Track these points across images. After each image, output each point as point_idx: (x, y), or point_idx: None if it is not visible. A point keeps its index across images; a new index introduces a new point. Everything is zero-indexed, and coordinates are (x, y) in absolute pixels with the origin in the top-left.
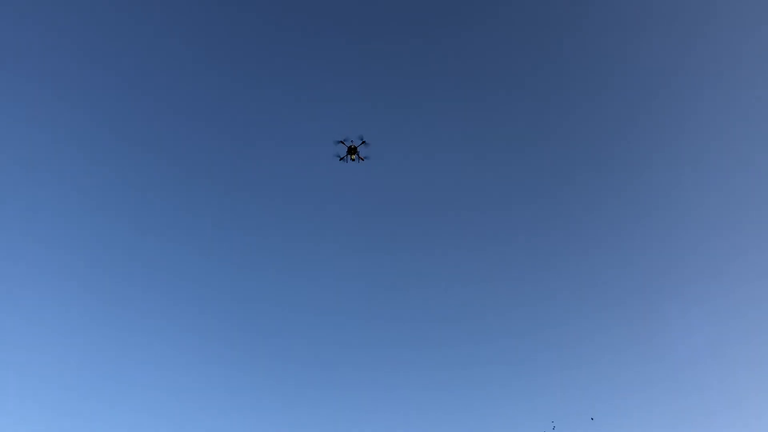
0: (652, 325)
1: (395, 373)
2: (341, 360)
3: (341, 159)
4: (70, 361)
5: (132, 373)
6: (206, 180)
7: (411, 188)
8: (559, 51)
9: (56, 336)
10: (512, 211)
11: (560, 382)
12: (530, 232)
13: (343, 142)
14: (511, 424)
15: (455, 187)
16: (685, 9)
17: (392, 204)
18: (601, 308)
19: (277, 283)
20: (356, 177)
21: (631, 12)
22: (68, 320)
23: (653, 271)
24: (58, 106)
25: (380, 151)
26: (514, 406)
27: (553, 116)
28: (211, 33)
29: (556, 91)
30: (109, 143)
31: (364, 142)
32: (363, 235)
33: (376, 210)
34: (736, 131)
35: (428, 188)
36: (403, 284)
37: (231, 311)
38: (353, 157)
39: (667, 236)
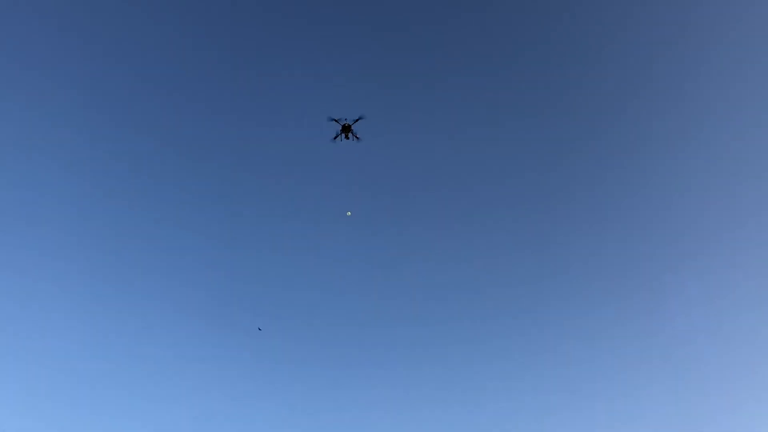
0: (652, 318)
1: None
2: (335, 360)
3: (335, 138)
4: (68, 362)
5: (123, 374)
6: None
7: (406, 180)
8: (557, 46)
9: (54, 336)
10: (504, 201)
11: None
12: (525, 222)
13: (336, 120)
14: (505, 421)
15: (451, 178)
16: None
17: (385, 195)
18: (597, 298)
19: (270, 280)
20: (351, 167)
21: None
22: (66, 320)
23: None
24: (56, 103)
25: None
26: (504, 402)
27: (549, 103)
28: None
29: (555, 85)
30: (95, 140)
31: (358, 120)
32: (358, 232)
33: (369, 202)
34: (735, 126)
35: (423, 181)
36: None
37: (219, 310)
38: (347, 135)
39: (665, 226)
